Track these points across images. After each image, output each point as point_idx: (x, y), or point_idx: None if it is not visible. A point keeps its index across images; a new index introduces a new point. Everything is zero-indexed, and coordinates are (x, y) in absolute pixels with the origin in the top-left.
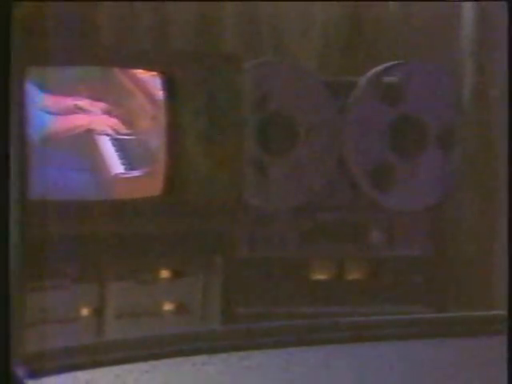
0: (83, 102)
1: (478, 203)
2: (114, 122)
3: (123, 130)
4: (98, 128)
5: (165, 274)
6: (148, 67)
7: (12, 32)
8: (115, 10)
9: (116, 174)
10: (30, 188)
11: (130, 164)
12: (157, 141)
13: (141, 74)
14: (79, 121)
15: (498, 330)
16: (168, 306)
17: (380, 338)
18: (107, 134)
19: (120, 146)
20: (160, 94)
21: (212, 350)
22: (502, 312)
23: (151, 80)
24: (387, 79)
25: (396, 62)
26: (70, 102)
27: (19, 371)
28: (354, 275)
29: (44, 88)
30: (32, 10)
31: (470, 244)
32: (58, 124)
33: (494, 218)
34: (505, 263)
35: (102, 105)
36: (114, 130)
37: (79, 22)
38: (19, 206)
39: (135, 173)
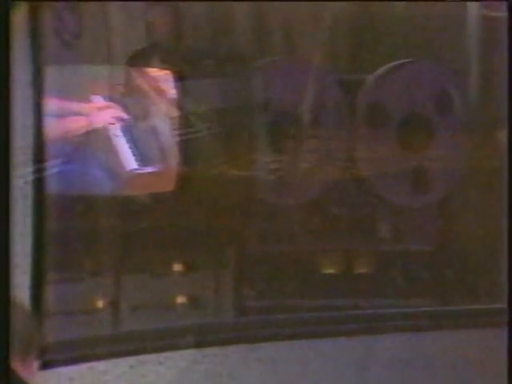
0: (97, 101)
1: (483, 199)
2: (126, 120)
3: (136, 127)
4: (111, 127)
5: (178, 267)
6: (161, 66)
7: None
8: (128, 9)
9: (131, 171)
10: (48, 184)
11: (144, 161)
12: (170, 138)
13: (154, 72)
14: (91, 120)
15: (499, 322)
16: (181, 299)
17: (387, 330)
18: (121, 132)
19: (134, 143)
20: (173, 92)
21: (223, 342)
22: (503, 305)
23: (164, 78)
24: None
25: (403, 60)
26: (82, 101)
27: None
28: (362, 269)
29: (56, 87)
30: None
31: (475, 239)
32: (69, 123)
33: (499, 214)
34: (505, 257)
35: (115, 103)
36: (127, 128)
37: (93, 21)
38: (39, 201)
39: (149, 169)
